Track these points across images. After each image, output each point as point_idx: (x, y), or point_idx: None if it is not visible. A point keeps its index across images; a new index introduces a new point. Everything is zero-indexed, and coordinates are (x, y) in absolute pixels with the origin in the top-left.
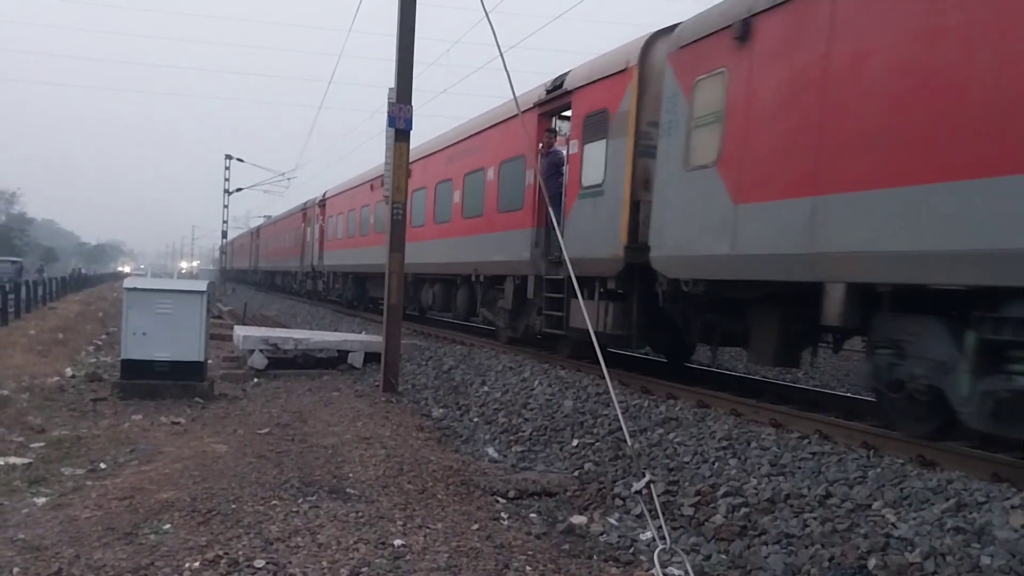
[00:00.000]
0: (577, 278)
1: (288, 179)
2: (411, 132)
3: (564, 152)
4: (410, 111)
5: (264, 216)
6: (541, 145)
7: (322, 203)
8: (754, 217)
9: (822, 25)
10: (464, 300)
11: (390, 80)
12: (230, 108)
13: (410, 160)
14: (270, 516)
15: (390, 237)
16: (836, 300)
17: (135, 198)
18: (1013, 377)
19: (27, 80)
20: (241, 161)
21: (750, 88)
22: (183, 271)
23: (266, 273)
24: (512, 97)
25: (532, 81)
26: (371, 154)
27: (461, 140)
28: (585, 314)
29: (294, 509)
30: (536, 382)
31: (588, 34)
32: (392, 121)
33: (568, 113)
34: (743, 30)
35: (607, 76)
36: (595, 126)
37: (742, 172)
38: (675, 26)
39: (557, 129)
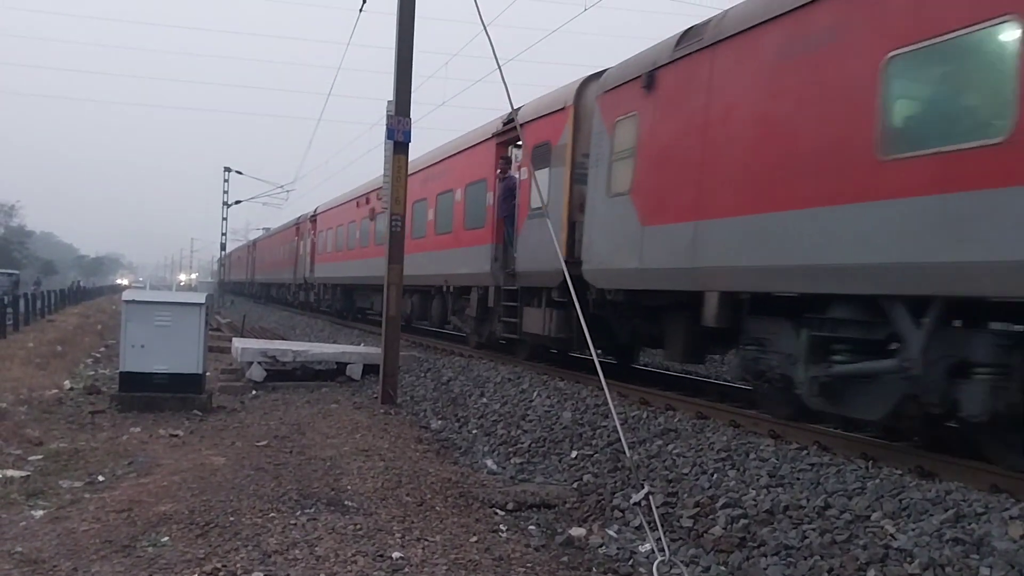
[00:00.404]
0: (528, 288)
1: (287, 191)
2: (410, 144)
3: (517, 178)
4: (409, 123)
5: (263, 228)
6: (499, 171)
7: (313, 218)
8: (655, 237)
9: (704, 80)
10: (438, 309)
11: (389, 93)
12: (230, 121)
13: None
14: (268, 528)
15: (389, 249)
16: (712, 305)
17: (134, 211)
18: (833, 365)
19: (28, 93)
20: (240, 174)
21: (654, 129)
22: (182, 283)
23: (262, 285)
24: (510, 107)
25: (530, 93)
26: (370, 166)
27: (434, 163)
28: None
29: (292, 521)
30: (535, 393)
31: (586, 47)
32: (391, 134)
33: (520, 143)
34: (649, 80)
35: (549, 113)
36: (540, 156)
37: (648, 199)
38: (604, 72)
39: (512, 156)
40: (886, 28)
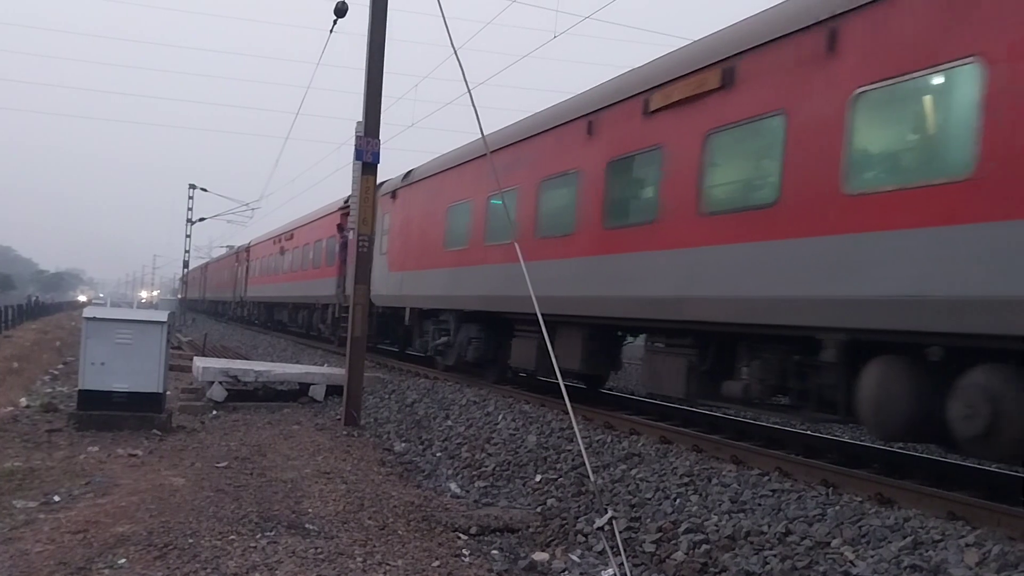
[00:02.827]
0: (374, 302)
1: (252, 209)
2: (378, 165)
3: (348, 237)
4: (378, 144)
5: (227, 246)
6: (340, 233)
7: (247, 249)
8: (393, 278)
9: (409, 199)
10: (306, 319)
11: (358, 113)
12: (196, 138)
13: (294, 228)
14: (228, 551)
15: (355, 268)
16: (407, 314)
17: (96, 226)
18: (439, 338)
19: None
20: (204, 191)
21: (394, 220)
22: (143, 300)
23: (211, 302)
24: (479, 132)
25: (499, 116)
26: (337, 185)
27: (305, 224)
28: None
29: (252, 544)
30: (500, 417)
31: (556, 72)
32: (359, 154)
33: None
34: (393, 194)
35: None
36: None
37: (392, 257)
38: (385, 182)
39: (346, 224)
40: (445, 193)
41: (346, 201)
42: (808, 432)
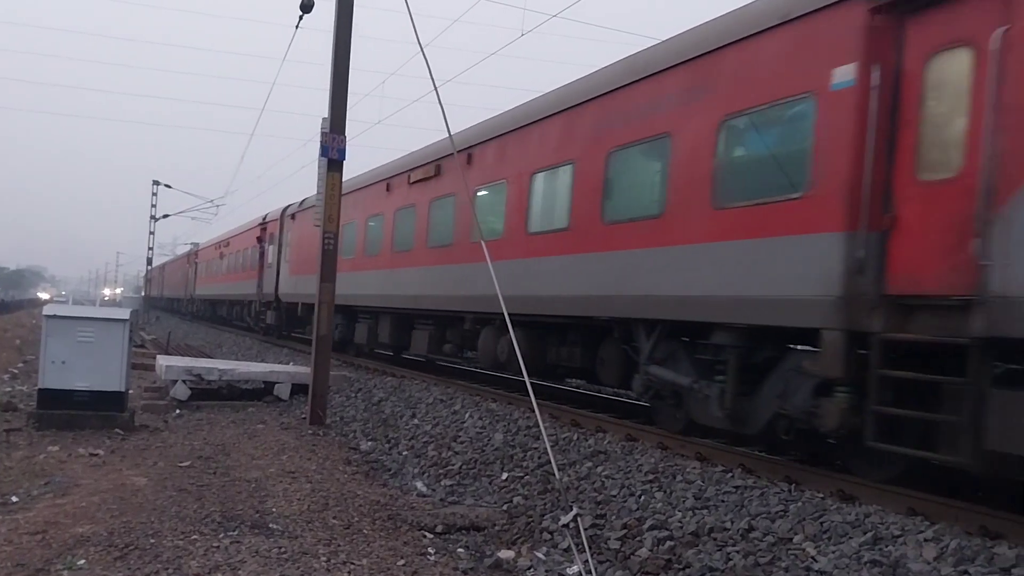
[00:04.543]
0: (267, 302)
1: (217, 206)
2: (344, 162)
3: (266, 247)
4: (344, 141)
5: (191, 243)
6: (259, 244)
7: (195, 253)
8: (292, 280)
9: (298, 223)
10: (239, 313)
11: (324, 109)
12: (161, 135)
13: (230, 237)
14: (190, 551)
15: (321, 267)
16: (300, 307)
17: (59, 223)
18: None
19: None
20: (168, 187)
21: (292, 236)
22: (106, 298)
23: (168, 300)
24: (447, 131)
25: (467, 114)
26: (303, 182)
27: (239, 234)
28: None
29: (215, 544)
30: (467, 415)
31: (523, 70)
32: (325, 151)
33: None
34: (292, 216)
35: (272, 220)
36: (271, 239)
37: (290, 264)
38: (289, 206)
39: (265, 237)
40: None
41: (264, 218)
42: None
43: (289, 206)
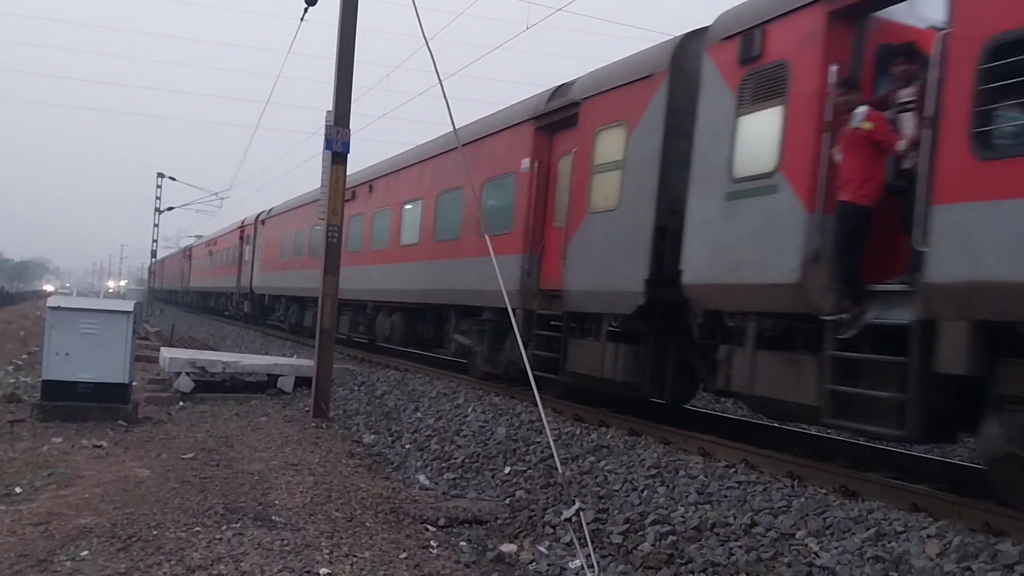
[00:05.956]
0: (246, 294)
1: (221, 199)
2: (348, 156)
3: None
4: (348, 134)
5: (195, 236)
6: (241, 243)
7: (190, 249)
8: (262, 275)
9: (272, 225)
10: (224, 303)
11: (328, 102)
12: (164, 127)
13: (218, 236)
14: (192, 543)
15: (325, 260)
16: (270, 299)
17: (63, 215)
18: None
19: None
20: (173, 179)
21: (263, 238)
22: (110, 290)
23: (167, 292)
24: (451, 124)
25: (470, 108)
26: (307, 176)
27: (225, 234)
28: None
29: (217, 536)
30: (470, 409)
31: (528, 64)
32: (329, 144)
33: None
34: (265, 220)
35: (249, 224)
36: (248, 239)
37: (262, 262)
38: (262, 212)
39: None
40: (282, 226)
41: (243, 222)
42: (775, 425)
43: (261, 212)
